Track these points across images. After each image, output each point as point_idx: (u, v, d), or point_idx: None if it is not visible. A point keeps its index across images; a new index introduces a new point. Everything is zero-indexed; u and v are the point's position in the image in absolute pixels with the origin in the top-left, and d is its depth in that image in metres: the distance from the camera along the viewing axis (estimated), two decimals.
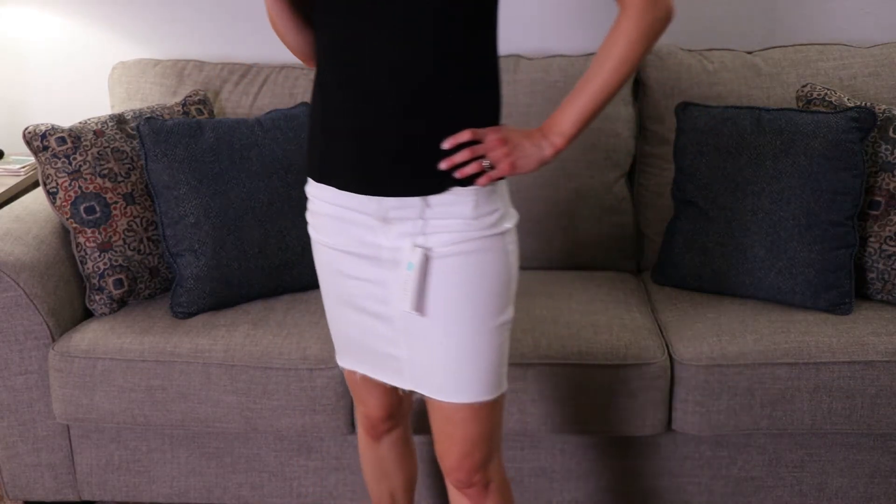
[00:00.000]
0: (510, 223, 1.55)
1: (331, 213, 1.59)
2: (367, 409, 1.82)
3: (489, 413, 1.60)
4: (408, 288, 1.52)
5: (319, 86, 1.56)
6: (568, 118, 1.53)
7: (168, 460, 2.25)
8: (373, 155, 1.50)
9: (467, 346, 1.54)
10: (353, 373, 1.75)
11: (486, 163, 1.50)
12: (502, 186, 1.56)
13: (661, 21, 1.47)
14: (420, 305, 1.54)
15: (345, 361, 1.74)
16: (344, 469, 2.23)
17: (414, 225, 1.52)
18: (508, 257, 1.55)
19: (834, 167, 2.17)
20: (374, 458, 1.92)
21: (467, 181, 1.50)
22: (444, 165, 1.48)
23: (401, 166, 1.50)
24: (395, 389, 1.77)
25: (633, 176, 2.58)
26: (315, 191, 1.61)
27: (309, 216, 1.66)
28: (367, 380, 1.74)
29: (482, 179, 1.50)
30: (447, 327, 1.54)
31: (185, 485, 2.26)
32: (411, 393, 1.80)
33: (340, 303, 1.66)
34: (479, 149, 1.49)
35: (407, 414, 1.91)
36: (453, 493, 1.72)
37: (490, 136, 1.50)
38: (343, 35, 1.49)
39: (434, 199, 1.50)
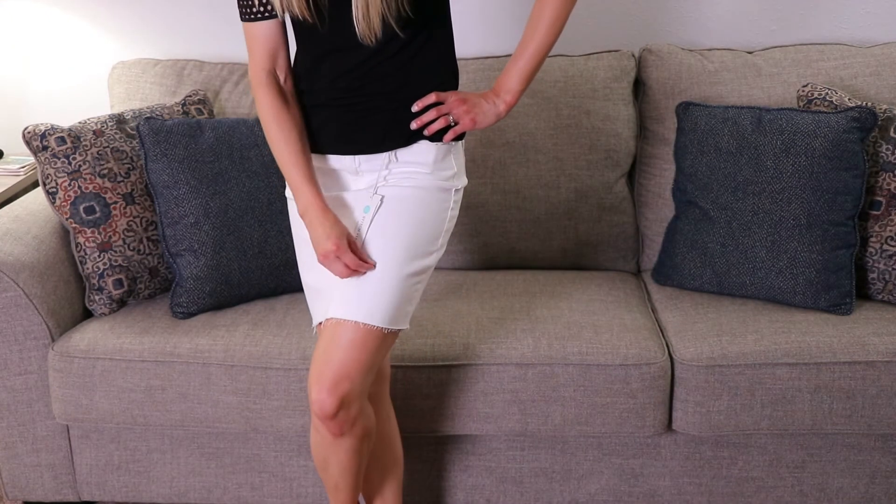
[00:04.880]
0: (460, 185, 1.80)
1: None
2: None
3: (375, 344, 1.72)
4: (361, 228, 1.74)
5: (304, 71, 1.77)
6: (515, 77, 1.79)
7: (168, 460, 2.24)
8: (353, 122, 1.74)
9: (383, 272, 1.71)
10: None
11: (451, 119, 1.74)
12: (458, 151, 1.80)
13: None
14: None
15: (314, 319, 1.87)
16: None
17: (380, 175, 1.76)
18: (448, 212, 1.79)
19: (835, 167, 2.16)
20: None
21: (433, 138, 1.74)
22: (415, 125, 1.73)
23: (376, 128, 1.74)
24: None
25: (634, 176, 2.58)
26: None
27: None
28: None
29: (448, 135, 1.75)
30: (372, 253, 1.72)
31: (185, 485, 2.26)
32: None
33: (307, 254, 1.83)
34: (443, 108, 1.74)
35: (385, 381, 1.97)
36: (320, 431, 1.79)
37: (451, 97, 1.76)
38: (327, 30, 1.69)
39: (401, 152, 1.75)
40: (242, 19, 1.76)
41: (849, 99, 2.29)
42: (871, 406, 2.05)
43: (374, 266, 1.72)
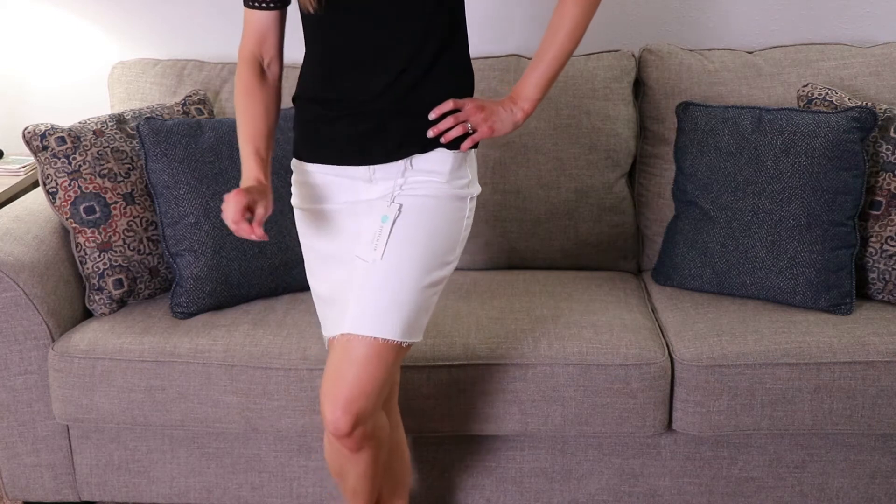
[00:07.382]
0: (475, 193, 1.76)
1: (317, 181, 1.77)
2: None
3: (390, 358, 1.67)
4: (380, 238, 1.67)
5: (319, 80, 1.73)
6: (532, 85, 1.75)
7: (168, 460, 2.24)
8: (367, 132, 1.69)
9: (401, 284, 1.65)
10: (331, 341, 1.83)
11: (469, 127, 1.70)
12: (472, 160, 1.76)
13: None
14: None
15: (325, 330, 1.83)
16: None
17: (395, 183, 1.71)
18: (464, 221, 1.74)
19: (835, 167, 2.16)
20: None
21: (449, 145, 1.70)
22: (431, 133, 1.69)
23: (392, 137, 1.69)
24: None
25: (634, 176, 2.58)
26: (302, 166, 1.79)
27: (294, 188, 1.83)
28: None
29: (465, 143, 1.71)
30: (389, 264, 1.66)
31: (185, 485, 2.26)
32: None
33: (317, 264, 1.81)
34: (460, 116, 1.70)
35: (394, 389, 1.95)
36: (334, 445, 1.77)
37: (469, 104, 1.71)
38: (342, 37, 1.65)
39: (417, 159, 1.70)
40: (244, 4, 1.77)
41: (849, 99, 2.29)
42: (871, 406, 2.05)
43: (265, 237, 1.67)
